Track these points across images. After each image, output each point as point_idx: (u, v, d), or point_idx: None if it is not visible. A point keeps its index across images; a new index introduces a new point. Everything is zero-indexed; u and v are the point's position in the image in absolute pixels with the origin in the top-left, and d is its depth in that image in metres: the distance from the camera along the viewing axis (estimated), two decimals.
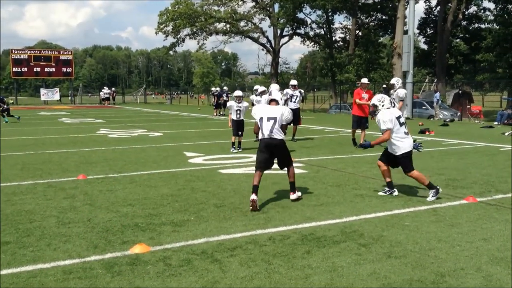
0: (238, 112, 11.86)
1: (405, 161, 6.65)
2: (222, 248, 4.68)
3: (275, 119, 6.53)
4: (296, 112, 13.08)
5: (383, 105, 6.72)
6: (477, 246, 4.71)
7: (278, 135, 6.52)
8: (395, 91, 12.51)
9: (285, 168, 6.78)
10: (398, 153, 6.63)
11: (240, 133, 11.88)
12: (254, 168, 6.60)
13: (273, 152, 6.59)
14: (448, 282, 3.87)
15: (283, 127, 6.66)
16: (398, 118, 6.61)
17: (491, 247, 4.67)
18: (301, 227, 5.38)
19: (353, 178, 8.29)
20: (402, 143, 6.58)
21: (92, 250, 4.62)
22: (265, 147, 6.57)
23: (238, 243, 4.83)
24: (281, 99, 8.05)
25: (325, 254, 4.50)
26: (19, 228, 5.36)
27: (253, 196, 6.12)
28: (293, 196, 6.68)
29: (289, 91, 13.93)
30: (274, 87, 13.06)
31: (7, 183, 7.92)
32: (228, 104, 12.36)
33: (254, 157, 10.59)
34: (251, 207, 6.08)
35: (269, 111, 6.66)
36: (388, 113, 6.62)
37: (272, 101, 7.01)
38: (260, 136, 6.67)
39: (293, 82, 14.40)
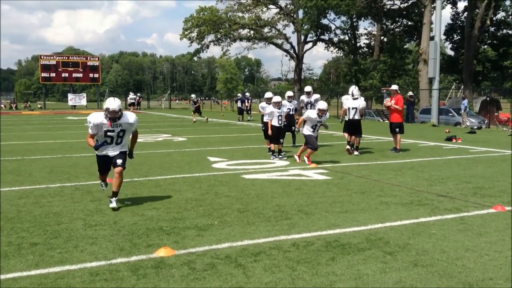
0: (280, 117, 11.48)
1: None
2: (246, 253, 4.68)
3: (356, 108, 12.10)
4: None
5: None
6: (506, 256, 4.60)
7: (358, 117, 12.14)
8: (309, 97, 13.65)
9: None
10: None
11: (281, 140, 11.71)
12: (278, 173, 9.38)
13: (353, 126, 12.11)
14: None
15: (361, 111, 12.26)
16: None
17: None
18: (325, 233, 5.34)
19: (378, 185, 8.20)
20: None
21: (118, 253, 4.68)
22: (349, 124, 12.22)
23: (262, 248, 4.82)
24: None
25: (350, 261, 4.46)
26: (47, 230, 5.48)
27: (348, 147, 12.08)
28: (356, 152, 12.19)
29: (304, 98, 13.75)
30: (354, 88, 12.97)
31: (36, 185, 8.10)
32: (268, 109, 11.65)
33: (277, 163, 10.69)
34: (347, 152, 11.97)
35: (353, 103, 12.15)
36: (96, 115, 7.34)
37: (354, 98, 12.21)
38: (346, 118, 12.33)
39: (308, 88, 14.14)
